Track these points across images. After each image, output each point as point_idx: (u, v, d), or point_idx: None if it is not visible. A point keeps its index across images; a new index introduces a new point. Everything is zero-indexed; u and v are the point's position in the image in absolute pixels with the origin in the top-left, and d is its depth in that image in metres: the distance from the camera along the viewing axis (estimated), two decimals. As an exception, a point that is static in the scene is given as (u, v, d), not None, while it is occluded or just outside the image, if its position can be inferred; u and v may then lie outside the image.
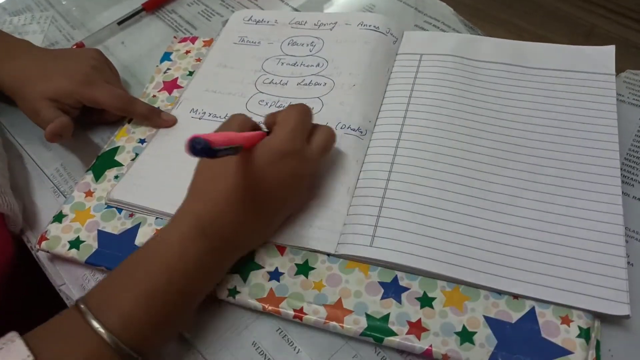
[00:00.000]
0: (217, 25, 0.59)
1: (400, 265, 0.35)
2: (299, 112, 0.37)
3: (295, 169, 0.35)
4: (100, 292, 0.32)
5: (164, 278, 0.31)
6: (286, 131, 0.35)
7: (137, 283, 0.31)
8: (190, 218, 0.33)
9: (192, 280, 0.32)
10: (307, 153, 0.36)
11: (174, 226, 0.34)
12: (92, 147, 0.48)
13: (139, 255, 0.33)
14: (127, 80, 0.54)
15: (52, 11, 0.64)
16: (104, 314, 0.30)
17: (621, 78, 0.46)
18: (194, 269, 0.32)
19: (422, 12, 0.56)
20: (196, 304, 0.34)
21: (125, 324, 0.30)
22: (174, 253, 0.32)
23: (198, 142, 0.26)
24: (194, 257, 0.32)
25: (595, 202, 0.37)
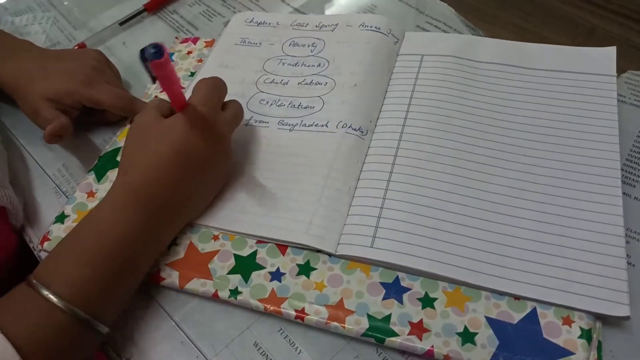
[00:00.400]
0: (218, 26, 0.59)
1: (400, 267, 0.35)
2: (211, 81, 0.40)
3: (212, 131, 0.37)
4: (46, 264, 0.34)
5: (101, 243, 0.33)
6: (201, 97, 0.38)
7: (77, 250, 0.33)
8: (121, 186, 0.36)
9: (129, 244, 0.34)
10: (221, 119, 0.39)
11: (108, 195, 0.36)
12: (94, 148, 0.48)
13: (79, 226, 0.35)
14: (129, 80, 0.54)
15: (54, 11, 0.64)
16: (52, 282, 0.32)
17: (622, 79, 0.46)
18: (129, 233, 0.34)
19: (423, 13, 0.56)
20: (142, 268, 0.36)
21: (72, 288, 0.32)
22: (107, 219, 0.34)
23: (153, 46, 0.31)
24: (127, 222, 0.34)
25: (595, 203, 0.37)
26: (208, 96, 0.38)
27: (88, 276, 0.32)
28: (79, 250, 0.33)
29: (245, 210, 0.40)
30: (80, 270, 0.32)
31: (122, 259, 0.34)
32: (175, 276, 0.37)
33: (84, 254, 0.33)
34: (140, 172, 0.35)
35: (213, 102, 0.38)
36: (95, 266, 0.33)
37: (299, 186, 0.40)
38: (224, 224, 0.39)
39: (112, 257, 0.33)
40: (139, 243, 0.35)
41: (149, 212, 0.35)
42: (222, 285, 0.36)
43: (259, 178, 0.41)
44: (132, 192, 0.35)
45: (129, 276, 0.35)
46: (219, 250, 0.38)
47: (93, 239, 0.34)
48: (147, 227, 0.35)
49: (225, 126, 0.39)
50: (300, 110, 0.45)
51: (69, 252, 0.34)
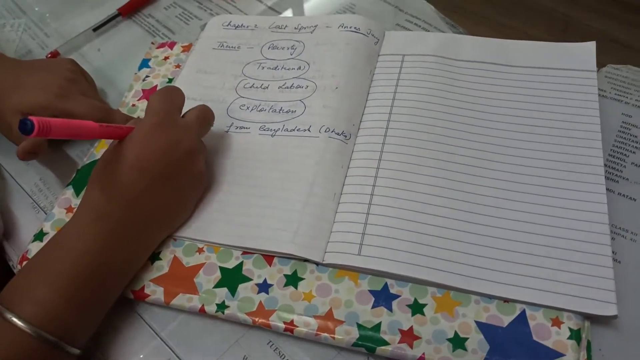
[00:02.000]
0: (195, 29, 0.58)
1: (389, 274, 0.35)
2: (164, 91, 0.39)
3: (168, 138, 0.36)
4: (12, 287, 0.32)
5: (68, 260, 0.33)
6: (151, 109, 0.37)
7: (44, 270, 0.32)
8: (85, 207, 0.35)
9: (97, 262, 0.33)
10: (180, 122, 0.38)
11: (74, 217, 0.35)
12: (72, 161, 0.47)
13: (44, 248, 0.34)
14: (105, 89, 0.53)
15: (25, 18, 0.63)
16: (18, 305, 0.30)
17: (602, 73, 0.46)
18: (93, 251, 0.33)
19: (402, 11, 0.56)
20: (116, 286, 0.35)
21: (39, 310, 0.31)
22: (72, 237, 0.34)
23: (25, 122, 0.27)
24: (92, 242, 0.33)
25: (580, 201, 0.37)
26: (157, 107, 0.37)
27: (55, 297, 0.31)
28: (45, 270, 0.32)
29: (229, 221, 0.39)
30: (46, 290, 0.31)
31: (91, 277, 0.33)
32: (160, 292, 0.36)
33: (50, 274, 0.32)
34: (100, 189, 0.35)
35: (164, 110, 0.37)
36: (62, 286, 0.32)
37: (283, 194, 0.40)
38: (207, 236, 0.39)
39: (80, 276, 0.32)
40: (107, 260, 0.34)
41: (113, 229, 0.34)
42: (209, 300, 0.36)
43: (241, 186, 0.41)
44: (94, 209, 0.34)
45: (100, 295, 0.34)
46: (204, 264, 0.38)
47: (60, 258, 0.33)
48: (110, 244, 0.34)
49: (185, 130, 0.38)
50: (281, 115, 0.44)
51: (35, 272, 0.33)
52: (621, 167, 0.41)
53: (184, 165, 0.37)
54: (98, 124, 0.33)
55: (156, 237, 0.38)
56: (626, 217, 0.38)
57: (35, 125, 0.27)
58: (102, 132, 0.34)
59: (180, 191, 0.38)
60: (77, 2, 0.63)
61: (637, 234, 0.37)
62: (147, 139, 0.35)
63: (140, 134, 0.36)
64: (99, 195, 0.35)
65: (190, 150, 0.38)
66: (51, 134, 0.29)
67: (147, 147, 0.35)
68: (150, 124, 0.36)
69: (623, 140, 0.42)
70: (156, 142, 0.36)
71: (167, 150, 0.36)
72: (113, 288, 0.35)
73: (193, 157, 0.38)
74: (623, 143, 0.42)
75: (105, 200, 0.34)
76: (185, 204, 0.39)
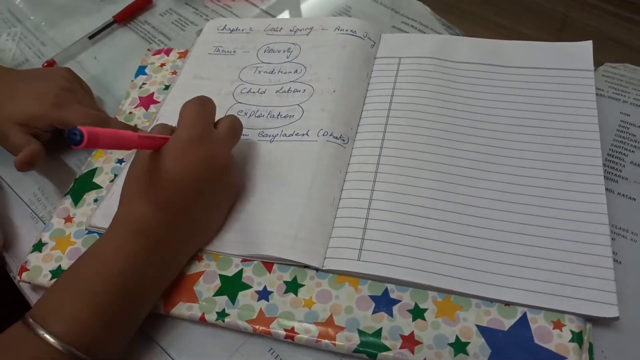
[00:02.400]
0: (191, 35, 0.58)
1: (389, 279, 0.35)
2: (196, 101, 0.38)
3: (208, 151, 0.36)
4: (44, 302, 0.32)
5: (102, 278, 0.32)
6: (187, 120, 0.36)
7: (77, 286, 0.32)
8: (122, 221, 0.34)
9: (132, 280, 0.33)
10: (216, 135, 0.37)
11: (110, 231, 0.35)
12: (69, 169, 0.47)
13: (77, 262, 0.34)
14: (101, 97, 0.53)
15: (20, 27, 0.63)
16: (50, 321, 0.30)
17: (600, 72, 0.46)
18: (130, 268, 0.33)
19: (398, 13, 0.56)
20: (145, 303, 0.35)
21: (70, 327, 0.30)
22: (108, 255, 0.33)
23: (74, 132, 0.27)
24: (128, 257, 0.33)
25: (579, 202, 0.37)
26: (194, 119, 0.36)
27: (87, 314, 0.31)
28: (77, 286, 0.32)
29: (228, 228, 0.39)
30: (78, 308, 0.31)
31: (123, 295, 0.32)
32: (160, 301, 0.36)
33: (82, 291, 0.31)
34: (137, 206, 0.34)
35: (200, 123, 0.36)
36: (94, 304, 0.31)
37: (283, 199, 0.39)
38: (205, 244, 0.38)
39: (113, 293, 0.32)
40: (141, 278, 0.33)
41: (150, 246, 0.34)
42: (209, 308, 0.36)
43: (241, 193, 0.40)
44: (130, 226, 0.34)
45: (131, 313, 0.34)
46: (203, 272, 0.37)
47: (92, 275, 0.32)
48: (149, 261, 0.34)
49: (221, 143, 0.37)
50: (279, 120, 0.44)
51: (67, 288, 0.32)
52: (620, 167, 0.41)
53: (220, 180, 0.37)
54: (137, 135, 0.32)
55: (190, 252, 0.38)
56: (626, 217, 0.38)
57: (85, 136, 0.27)
58: (140, 143, 0.33)
59: (215, 206, 0.38)
60: (72, 10, 0.63)
61: (638, 234, 0.37)
62: (185, 153, 0.34)
63: (177, 146, 0.35)
64: (139, 209, 0.34)
65: (226, 165, 0.37)
66: (99, 144, 0.28)
67: (186, 162, 0.34)
68: (188, 137, 0.35)
69: (622, 139, 0.42)
70: (195, 156, 0.35)
71: (206, 166, 0.35)
72: (145, 305, 0.35)
73: (227, 171, 0.38)
74: (622, 142, 0.42)
75: (145, 214, 0.34)
76: (219, 218, 0.39)
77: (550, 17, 0.54)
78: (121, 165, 0.45)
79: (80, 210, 0.42)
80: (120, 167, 0.45)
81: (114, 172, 0.44)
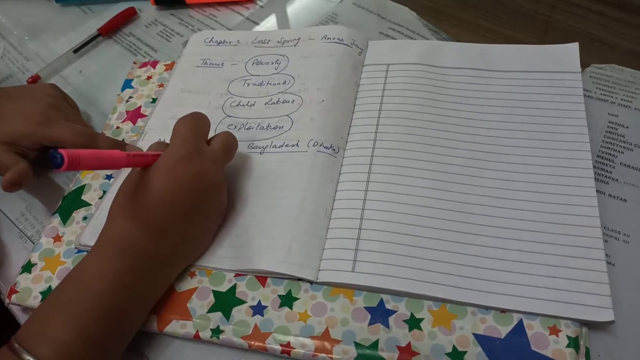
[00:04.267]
0: (177, 46, 0.57)
1: (384, 290, 0.35)
2: (190, 118, 0.37)
3: (199, 169, 0.35)
4: (30, 325, 0.32)
5: (86, 299, 0.32)
6: (179, 137, 0.36)
7: (62, 308, 0.31)
8: (107, 239, 0.34)
9: (118, 300, 0.32)
10: (207, 152, 0.36)
11: (94, 249, 0.34)
12: (57, 187, 0.47)
13: (62, 283, 0.33)
14: (88, 111, 0.52)
15: (3, 42, 0.62)
16: (35, 345, 0.30)
17: (587, 73, 0.47)
18: (116, 288, 0.32)
19: (385, 19, 0.56)
20: (132, 322, 0.34)
21: (57, 350, 0.30)
22: (92, 274, 0.33)
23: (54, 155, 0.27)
24: (112, 276, 0.32)
25: (571, 205, 0.37)
26: (186, 136, 0.36)
27: (72, 337, 0.30)
28: (62, 308, 0.31)
29: (220, 243, 0.38)
30: (63, 330, 0.30)
31: (109, 316, 0.32)
32: (153, 319, 0.36)
33: (67, 313, 0.31)
34: (122, 223, 0.34)
35: (192, 140, 0.36)
36: (80, 326, 0.31)
37: (274, 211, 0.39)
38: (198, 259, 0.38)
39: (98, 314, 0.31)
40: (127, 298, 0.33)
41: (135, 265, 0.33)
42: (203, 325, 0.35)
43: (231, 207, 0.40)
44: (115, 243, 0.33)
45: (118, 333, 0.33)
46: (196, 288, 0.37)
47: (77, 296, 0.32)
48: (134, 280, 0.33)
49: (212, 161, 0.36)
50: (269, 132, 0.44)
51: (52, 310, 0.32)
52: (610, 168, 0.41)
53: (209, 198, 0.36)
54: (125, 153, 0.32)
55: (178, 270, 0.37)
56: (618, 219, 0.38)
57: (65, 159, 0.27)
58: (129, 162, 0.32)
59: (204, 224, 0.37)
60: (56, 24, 0.63)
61: (630, 235, 0.37)
62: (174, 171, 0.34)
63: (167, 164, 0.34)
64: (124, 227, 0.33)
65: (216, 183, 0.37)
66: (80, 166, 0.28)
67: (175, 180, 0.34)
68: (178, 155, 0.35)
69: (611, 140, 0.42)
70: (184, 174, 0.34)
71: (195, 183, 0.35)
72: (132, 324, 0.34)
73: (218, 189, 0.37)
74: (611, 143, 0.42)
75: (130, 232, 0.33)
76: (207, 236, 0.38)
77: (536, 19, 0.54)
78: (110, 181, 0.44)
79: (69, 229, 0.41)
80: (109, 183, 0.44)
81: (102, 188, 0.44)
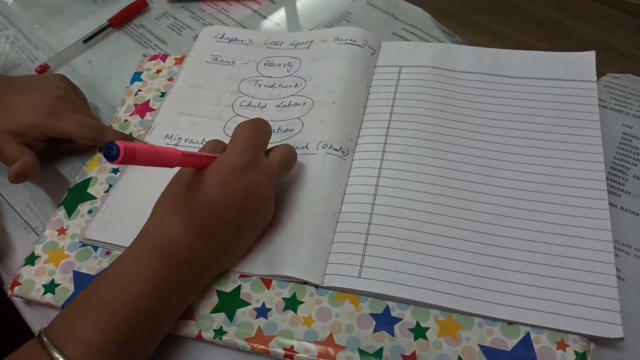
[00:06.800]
0: (188, 40, 0.57)
1: (391, 297, 0.34)
2: (251, 125, 0.35)
3: (252, 181, 0.34)
4: (61, 321, 0.31)
5: (121, 301, 0.31)
6: (238, 145, 0.34)
7: (95, 308, 0.31)
8: (146, 240, 0.33)
9: (153, 302, 0.32)
10: (264, 165, 0.35)
11: (131, 248, 0.33)
12: (63, 178, 0.46)
13: (98, 281, 0.33)
14: (96, 103, 0.52)
15: (13, 30, 0.61)
16: (65, 343, 0.29)
17: (602, 83, 0.46)
18: (152, 291, 0.32)
19: (398, 19, 0.55)
20: (164, 326, 0.34)
21: (86, 351, 0.29)
22: (129, 275, 0.32)
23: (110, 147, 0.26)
24: (150, 279, 0.32)
25: (582, 217, 0.36)
26: (245, 144, 0.34)
27: (103, 338, 0.30)
28: (95, 308, 0.31)
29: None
30: (94, 331, 0.30)
31: (142, 319, 0.31)
32: (156, 318, 0.35)
33: (100, 314, 0.30)
34: (168, 221, 0.33)
35: (251, 149, 0.34)
36: (111, 327, 0.30)
37: (281, 214, 0.39)
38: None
39: (131, 318, 0.31)
40: (162, 302, 0.32)
41: (174, 268, 0.32)
42: (206, 326, 0.35)
43: None
44: (157, 242, 0.32)
45: (149, 337, 0.32)
46: (200, 287, 0.37)
47: (111, 297, 0.31)
48: (171, 284, 0.32)
49: (267, 175, 0.35)
50: (280, 135, 0.43)
51: (84, 309, 0.31)
52: (623, 181, 0.40)
53: (257, 211, 0.35)
54: (180, 152, 0.30)
55: (212, 276, 0.36)
56: (629, 233, 0.37)
57: (121, 151, 0.26)
58: (184, 162, 0.31)
59: (247, 234, 0.36)
60: (66, 13, 0.62)
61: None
62: (228, 179, 0.33)
63: (221, 170, 0.33)
64: (170, 227, 0.33)
65: (266, 199, 0.35)
66: (136, 160, 0.27)
67: (227, 188, 0.33)
68: (234, 163, 0.33)
69: (624, 152, 0.42)
70: (237, 184, 0.33)
71: (246, 195, 0.33)
72: (163, 329, 0.34)
73: (267, 204, 0.36)
74: (624, 155, 0.42)
75: (176, 234, 0.32)
76: (245, 246, 0.37)
77: (550, 26, 0.54)
78: (116, 175, 0.44)
79: (74, 222, 0.41)
80: (115, 177, 0.44)
81: (108, 182, 0.43)
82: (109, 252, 0.39)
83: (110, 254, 0.39)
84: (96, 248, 0.39)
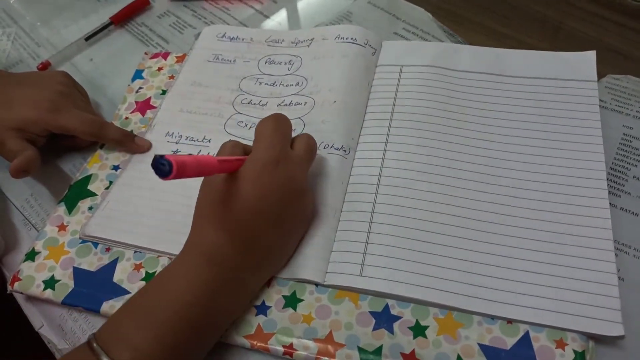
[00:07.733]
0: (190, 38, 0.57)
1: (391, 295, 0.34)
2: (274, 120, 0.35)
3: (286, 174, 0.33)
4: (110, 327, 0.31)
5: (172, 310, 0.31)
6: (265, 141, 0.34)
7: (146, 316, 0.31)
8: (195, 248, 0.33)
9: (202, 311, 0.31)
10: (293, 157, 0.35)
11: (181, 257, 0.33)
12: (64, 175, 0.46)
13: (148, 288, 0.33)
14: (97, 100, 0.52)
15: (15, 27, 0.61)
16: (114, 349, 0.29)
17: (602, 83, 0.46)
18: (203, 300, 0.31)
19: (400, 19, 0.55)
20: (214, 335, 0.33)
21: (135, 357, 0.29)
22: (180, 285, 0.32)
23: (162, 163, 0.25)
24: (201, 288, 0.32)
25: (583, 216, 0.36)
26: (272, 140, 0.33)
27: (152, 346, 0.30)
28: (144, 315, 0.31)
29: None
30: (145, 337, 0.30)
31: (191, 327, 0.31)
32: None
33: (149, 320, 0.30)
34: (210, 232, 0.32)
35: (278, 144, 0.33)
36: (160, 334, 0.30)
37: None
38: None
39: (180, 325, 0.31)
40: (211, 310, 0.32)
41: (222, 276, 0.32)
42: (206, 322, 0.35)
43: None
44: (203, 253, 0.32)
45: (196, 346, 0.32)
46: (200, 284, 0.37)
47: (161, 304, 0.31)
48: (220, 291, 0.32)
49: (299, 166, 0.35)
50: (280, 133, 0.43)
51: (133, 315, 0.31)
52: (623, 181, 0.40)
53: (296, 204, 0.35)
54: (217, 159, 0.30)
55: (262, 281, 0.36)
56: (629, 233, 0.38)
57: (174, 167, 0.25)
58: (221, 168, 0.31)
59: (291, 231, 0.36)
60: (68, 10, 0.62)
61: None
62: (262, 178, 0.32)
63: (254, 169, 0.32)
64: (213, 235, 0.32)
65: (303, 188, 0.35)
66: (185, 173, 0.26)
67: (262, 187, 0.32)
68: (265, 160, 0.32)
69: (624, 153, 0.42)
70: (272, 180, 0.32)
71: (283, 189, 0.33)
72: (212, 337, 0.33)
73: (304, 195, 0.36)
74: (624, 156, 0.42)
75: (219, 242, 0.32)
76: (293, 244, 0.37)
77: (552, 26, 0.54)
78: (116, 172, 0.44)
79: (74, 218, 0.41)
80: (116, 173, 0.44)
81: (109, 179, 0.43)
82: (109, 248, 0.39)
83: (110, 251, 0.39)
84: (96, 245, 0.40)
